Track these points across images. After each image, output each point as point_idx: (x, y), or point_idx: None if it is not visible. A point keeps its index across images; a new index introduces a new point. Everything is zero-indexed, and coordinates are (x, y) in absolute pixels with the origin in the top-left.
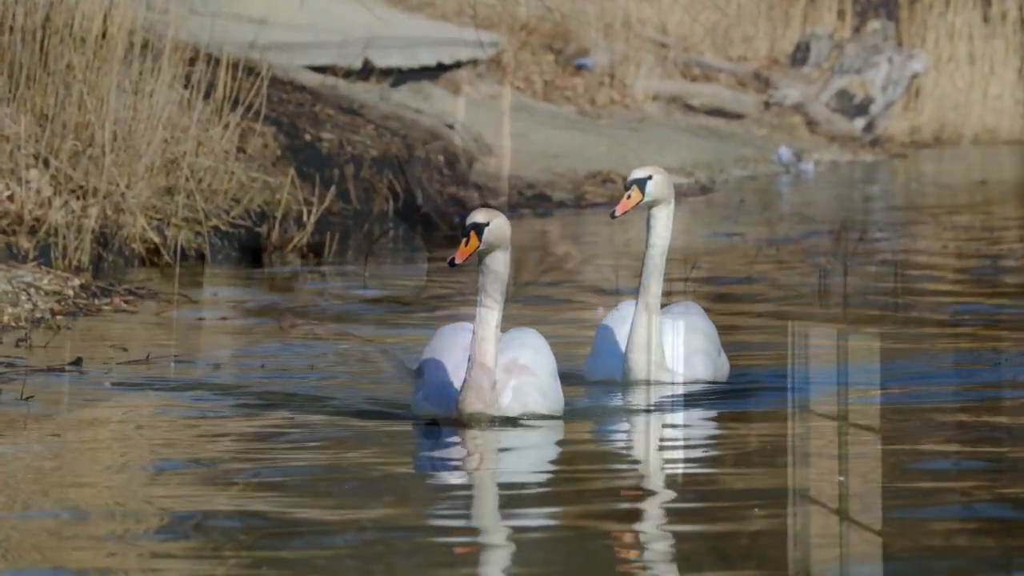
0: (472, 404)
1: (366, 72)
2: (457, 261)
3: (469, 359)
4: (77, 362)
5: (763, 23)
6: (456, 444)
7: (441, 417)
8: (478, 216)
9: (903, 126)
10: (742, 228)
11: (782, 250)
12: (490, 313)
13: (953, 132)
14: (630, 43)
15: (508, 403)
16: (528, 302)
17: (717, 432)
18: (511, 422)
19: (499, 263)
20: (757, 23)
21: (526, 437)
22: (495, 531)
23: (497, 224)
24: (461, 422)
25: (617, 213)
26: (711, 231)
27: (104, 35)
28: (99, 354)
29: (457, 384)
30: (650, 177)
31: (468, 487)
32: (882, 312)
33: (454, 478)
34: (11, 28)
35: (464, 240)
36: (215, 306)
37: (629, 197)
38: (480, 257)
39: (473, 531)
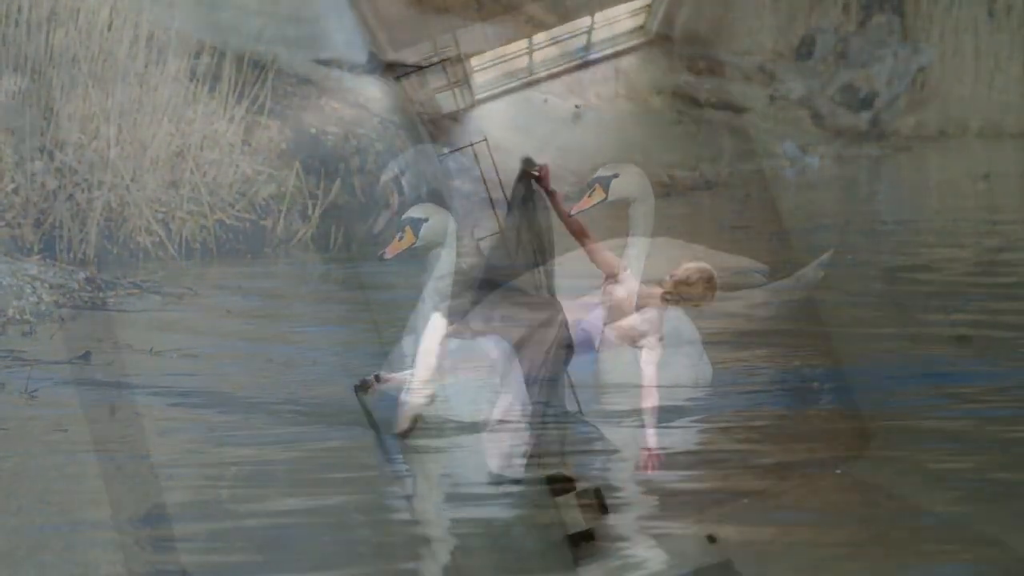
0: (405, 423)
1: (372, 65)
2: (387, 256)
3: (413, 367)
4: (85, 356)
5: (768, 17)
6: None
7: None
8: (415, 211)
9: (908, 120)
10: (747, 222)
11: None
12: (436, 321)
13: (958, 126)
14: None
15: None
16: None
17: (687, 438)
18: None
19: (443, 262)
20: (762, 17)
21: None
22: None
23: (437, 221)
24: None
25: (572, 212)
26: (716, 225)
27: (110, 27)
28: (103, 347)
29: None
30: (615, 175)
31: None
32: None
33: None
34: (17, 20)
35: (398, 235)
36: (219, 300)
37: (590, 195)
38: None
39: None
